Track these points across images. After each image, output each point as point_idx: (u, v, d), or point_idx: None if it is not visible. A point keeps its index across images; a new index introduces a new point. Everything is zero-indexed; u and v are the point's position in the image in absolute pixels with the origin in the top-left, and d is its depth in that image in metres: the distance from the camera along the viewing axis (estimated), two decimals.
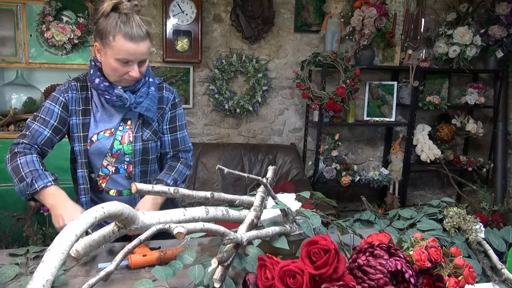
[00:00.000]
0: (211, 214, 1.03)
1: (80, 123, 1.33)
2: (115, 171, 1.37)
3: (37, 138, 1.29)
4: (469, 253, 1.17)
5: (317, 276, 0.75)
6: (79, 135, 1.33)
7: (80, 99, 1.33)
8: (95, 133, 1.33)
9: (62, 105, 1.31)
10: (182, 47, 2.98)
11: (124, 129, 1.36)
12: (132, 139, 1.35)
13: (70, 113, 1.32)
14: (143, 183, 0.86)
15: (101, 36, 1.22)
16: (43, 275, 0.60)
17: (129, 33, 1.19)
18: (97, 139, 1.33)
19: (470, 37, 3.12)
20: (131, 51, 1.21)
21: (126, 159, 1.36)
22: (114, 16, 1.20)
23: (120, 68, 1.23)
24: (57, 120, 1.30)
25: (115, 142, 1.34)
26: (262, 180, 1.06)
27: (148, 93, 1.35)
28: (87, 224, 0.69)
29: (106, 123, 1.35)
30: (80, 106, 1.33)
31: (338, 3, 2.98)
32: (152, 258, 1.07)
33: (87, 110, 1.33)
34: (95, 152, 1.34)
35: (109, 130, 1.34)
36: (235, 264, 0.90)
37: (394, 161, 3.39)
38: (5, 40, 2.50)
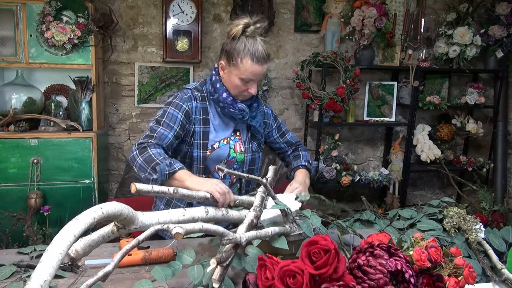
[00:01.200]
0: (211, 214, 1.03)
1: (201, 131, 1.41)
2: (223, 176, 1.47)
3: (163, 140, 1.35)
4: (469, 253, 1.17)
5: (317, 276, 0.75)
6: (199, 142, 1.41)
7: (202, 108, 1.42)
8: (216, 141, 1.43)
9: (185, 112, 1.38)
10: (182, 47, 2.98)
11: (235, 139, 1.48)
12: (243, 149, 1.48)
13: (192, 121, 1.40)
14: (144, 184, 0.86)
15: (228, 57, 1.34)
16: (41, 276, 0.60)
17: (256, 55, 1.31)
18: (218, 146, 1.43)
19: (470, 37, 3.12)
20: (256, 72, 1.33)
21: (235, 166, 1.48)
22: (242, 39, 1.32)
23: (242, 86, 1.36)
24: (179, 126, 1.37)
25: (230, 150, 1.46)
26: (262, 180, 1.06)
27: (259, 108, 1.50)
28: (86, 225, 0.69)
29: (223, 132, 1.45)
30: (201, 116, 1.41)
31: (338, 3, 2.98)
32: (137, 258, 1.07)
33: (207, 120, 1.42)
34: (215, 158, 1.43)
35: (226, 139, 1.46)
36: (235, 264, 0.90)
37: (394, 161, 3.39)
38: (5, 40, 2.49)
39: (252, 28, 1.32)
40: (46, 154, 2.49)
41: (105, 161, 2.97)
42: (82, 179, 2.56)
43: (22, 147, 2.45)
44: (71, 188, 2.55)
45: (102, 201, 2.21)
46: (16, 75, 2.60)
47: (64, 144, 2.52)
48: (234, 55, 1.32)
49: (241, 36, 1.32)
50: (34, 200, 2.42)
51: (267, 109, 1.58)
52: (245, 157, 1.48)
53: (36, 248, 1.14)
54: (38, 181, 2.48)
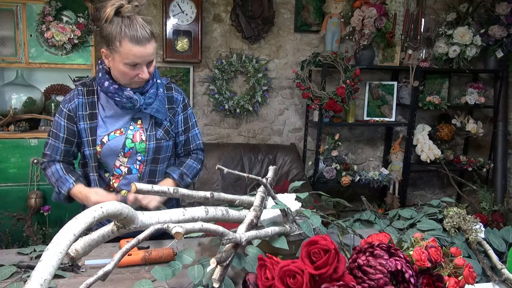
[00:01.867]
0: (211, 214, 1.03)
1: (88, 127, 1.34)
2: (127, 171, 1.38)
3: (56, 153, 1.37)
4: (469, 253, 1.17)
5: (317, 276, 0.75)
6: (88, 139, 1.34)
7: (87, 103, 1.34)
8: (105, 134, 1.35)
9: (66, 117, 1.34)
10: (182, 47, 2.98)
11: (135, 128, 1.37)
12: (145, 138, 1.37)
13: (77, 119, 1.34)
14: (144, 184, 0.86)
15: (107, 43, 1.22)
16: (41, 275, 0.60)
17: (135, 36, 1.19)
18: (108, 140, 1.34)
19: (470, 37, 3.12)
20: (139, 54, 1.21)
21: (139, 157, 1.38)
22: (118, 21, 1.20)
23: (129, 71, 1.24)
24: (65, 132, 1.35)
25: (127, 140, 1.36)
26: (262, 180, 1.06)
27: (157, 94, 1.36)
28: (86, 224, 0.69)
29: (115, 124, 1.36)
30: (87, 111, 1.34)
31: (338, 3, 2.98)
32: (137, 258, 1.07)
33: (94, 114, 1.34)
34: (108, 152, 1.35)
35: (119, 130, 1.36)
36: (235, 264, 0.90)
37: (394, 161, 3.39)
38: (5, 40, 2.49)
39: (128, 7, 1.20)
40: None
41: None
42: None
43: (22, 147, 2.45)
44: None
45: None
46: (16, 75, 2.60)
47: None
48: (112, 39, 1.20)
49: (115, 18, 1.20)
50: (34, 200, 2.42)
51: (178, 95, 1.45)
52: (147, 145, 1.36)
53: (36, 248, 1.14)
54: (38, 181, 2.48)
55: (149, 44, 1.23)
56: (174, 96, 1.44)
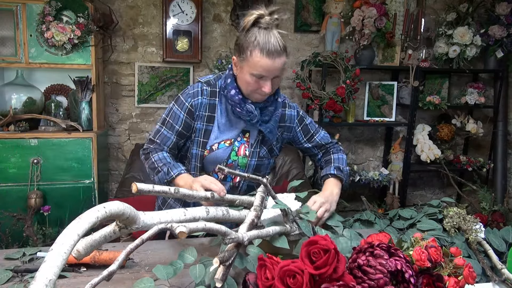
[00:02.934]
0: (212, 214, 1.03)
1: (203, 129, 1.33)
2: (223, 178, 1.37)
3: (165, 143, 1.35)
4: (469, 253, 1.17)
5: (317, 276, 0.76)
6: (199, 140, 1.34)
7: (208, 105, 1.33)
8: (216, 142, 1.34)
9: (187, 111, 1.33)
10: (182, 47, 2.98)
11: (242, 141, 1.38)
12: (248, 153, 1.37)
13: (195, 118, 1.33)
14: (144, 184, 0.87)
15: (239, 51, 1.23)
16: (45, 275, 0.60)
17: (266, 48, 1.18)
18: (217, 148, 1.34)
19: (470, 37, 3.12)
20: (266, 66, 1.20)
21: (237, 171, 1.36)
22: (254, 31, 1.20)
23: (253, 83, 1.24)
24: (181, 126, 1.34)
25: (232, 153, 1.36)
26: (262, 180, 1.06)
27: (274, 114, 1.36)
28: (89, 224, 0.70)
29: (228, 133, 1.36)
30: (207, 112, 1.33)
31: (338, 3, 2.98)
32: (85, 257, 1.03)
33: (212, 117, 1.34)
34: (212, 160, 1.35)
35: (229, 140, 1.35)
36: (236, 264, 0.90)
37: (394, 161, 3.39)
38: (5, 40, 2.49)
39: (266, 19, 1.19)
40: (46, 154, 2.49)
41: (105, 161, 2.97)
42: (82, 179, 2.56)
43: (22, 147, 2.45)
44: (71, 188, 2.55)
45: (102, 201, 2.21)
46: (16, 75, 2.60)
47: (64, 144, 2.52)
48: (244, 48, 1.21)
49: (253, 28, 1.20)
50: (34, 200, 2.42)
51: (291, 111, 1.45)
52: (248, 161, 1.37)
53: (26, 252, 1.12)
54: (38, 181, 2.48)
55: (279, 58, 1.21)
56: (287, 113, 1.44)
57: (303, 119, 1.48)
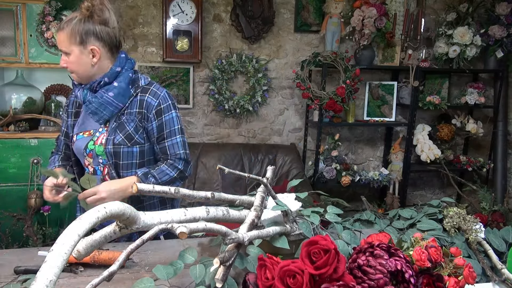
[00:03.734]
0: (212, 214, 1.03)
1: (71, 124, 1.43)
2: (93, 171, 1.40)
3: (59, 146, 1.49)
4: (469, 253, 1.17)
5: (317, 276, 0.76)
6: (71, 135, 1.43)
7: (76, 101, 1.43)
8: (75, 133, 1.41)
9: (65, 110, 1.46)
10: (182, 47, 2.98)
11: (103, 131, 1.38)
12: (104, 141, 1.35)
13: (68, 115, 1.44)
14: (144, 184, 0.87)
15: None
16: (46, 276, 0.60)
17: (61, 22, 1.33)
18: (76, 139, 1.40)
19: (470, 37, 3.12)
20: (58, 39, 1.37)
21: (100, 160, 1.38)
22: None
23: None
24: (65, 125, 1.45)
25: (90, 142, 1.38)
26: (263, 180, 1.06)
27: (102, 96, 1.30)
28: (90, 224, 0.69)
29: (89, 124, 1.40)
30: (74, 108, 1.43)
31: (338, 3, 2.99)
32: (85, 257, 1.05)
33: (78, 112, 1.43)
34: (76, 151, 1.42)
35: (88, 131, 1.40)
36: (236, 264, 0.90)
37: (394, 161, 3.39)
38: (5, 40, 2.49)
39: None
40: (46, 154, 2.48)
41: None
42: None
43: (22, 147, 2.45)
44: None
45: None
46: (16, 75, 2.61)
47: None
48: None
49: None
50: (34, 200, 2.42)
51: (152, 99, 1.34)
52: (104, 149, 1.32)
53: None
54: (38, 181, 2.48)
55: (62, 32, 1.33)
56: (148, 100, 1.34)
57: (161, 113, 1.33)
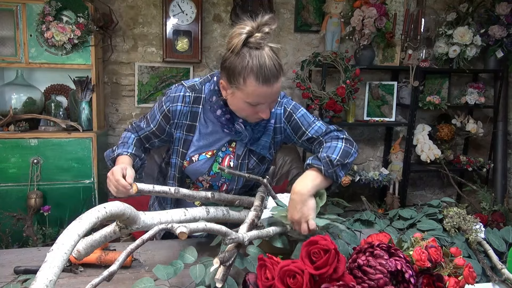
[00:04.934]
0: (212, 214, 1.03)
1: (183, 139, 1.23)
2: (209, 187, 1.29)
3: (139, 131, 1.31)
4: (469, 253, 1.17)
5: (317, 276, 0.76)
6: (179, 150, 1.24)
7: (190, 112, 1.21)
8: (196, 153, 1.23)
9: (163, 114, 1.22)
10: (182, 47, 2.98)
11: (227, 151, 1.25)
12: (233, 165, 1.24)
13: (174, 125, 1.23)
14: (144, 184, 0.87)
15: (229, 76, 1.08)
16: (46, 275, 0.60)
17: (262, 74, 1.03)
18: (197, 160, 1.23)
19: (470, 37, 3.12)
20: (264, 94, 1.06)
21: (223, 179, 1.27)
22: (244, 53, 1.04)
23: (249, 109, 1.10)
24: (156, 126, 1.25)
25: (215, 164, 1.24)
26: (263, 180, 1.06)
27: (266, 127, 1.23)
28: (90, 224, 0.70)
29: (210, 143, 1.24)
30: (187, 121, 1.22)
31: (338, 3, 2.98)
32: (92, 257, 1.04)
33: (193, 126, 1.22)
34: (191, 172, 1.26)
35: (211, 151, 1.24)
36: (236, 264, 0.90)
37: (394, 161, 3.39)
38: (5, 40, 2.49)
39: (258, 36, 1.04)
40: (46, 154, 2.49)
41: (105, 161, 2.97)
42: (82, 179, 2.56)
43: (22, 147, 2.45)
44: (71, 188, 2.55)
45: (102, 201, 2.21)
46: (16, 75, 2.60)
47: (64, 144, 2.52)
48: (236, 74, 1.05)
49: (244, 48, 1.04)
50: (34, 200, 2.42)
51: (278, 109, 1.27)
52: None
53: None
54: (38, 181, 2.48)
55: (276, 83, 1.07)
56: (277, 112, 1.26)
57: (292, 115, 1.26)
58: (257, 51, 1.04)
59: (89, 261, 1.04)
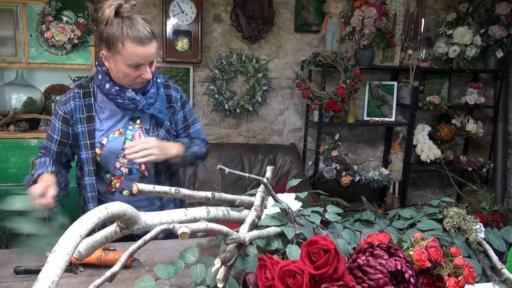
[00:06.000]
0: (212, 214, 1.03)
1: (86, 131, 1.32)
2: (128, 172, 1.37)
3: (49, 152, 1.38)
4: (469, 253, 1.17)
5: (317, 276, 0.76)
6: (86, 143, 1.33)
7: (83, 106, 1.33)
8: (104, 136, 1.33)
9: (61, 119, 1.33)
10: (182, 47, 2.98)
11: (134, 128, 1.36)
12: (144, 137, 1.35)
13: (74, 123, 1.33)
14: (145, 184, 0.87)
15: (108, 45, 1.21)
16: (48, 276, 0.60)
17: (137, 36, 1.18)
18: (107, 141, 1.33)
19: (470, 37, 3.12)
20: (142, 54, 1.21)
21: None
22: (118, 22, 1.19)
23: (132, 72, 1.24)
24: (59, 134, 1.35)
25: (126, 141, 1.34)
26: (263, 180, 1.06)
27: (158, 94, 1.35)
28: (92, 225, 0.70)
29: (114, 125, 1.35)
30: (84, 114, 1.32)
31: (338, 3, 2.99)
32: (92, 258, 1.04)
33: (91, 117, 1.33)
34: (108, 154, 1.34)
35: (118, 130, 1.35)
36: (237, 264, 0.90)
37: (394, 161, 3.39)
38: (5, 40, 2.50)
39: (127, 7, 1.20)
40: None
41: None
42: None
43: (22, 147, 2.45)
44: (71, 188, 2.54)
45: None
46: (16, 75, 2.61)
47: None
48: (114, 40, 1.19)
49: (115, 19, 1.19)
50: None
51: (176, 93, 1.43)
52: None
53: None
54: None
55: (151, 43, 1.23)
56: (173, 94, 1.42)
57: (185, 104, 1.46)
58: (128, 20, 1.20)
59: (89, 261, 1.04)
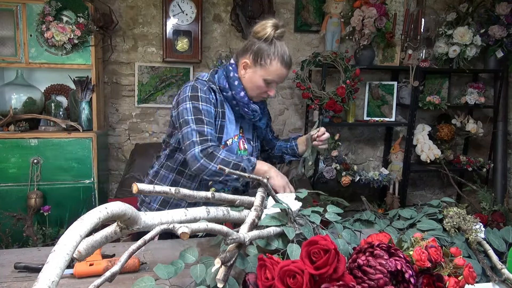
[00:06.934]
0: (212, 214, 1.03)
1: (219, 125, 1.37)
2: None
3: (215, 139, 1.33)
4: (469, 253, 1.17)
5: (317, 276, 0.76)
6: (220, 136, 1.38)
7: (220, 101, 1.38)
8: (231, 137, 1.41)
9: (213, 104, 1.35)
10: (182, 47, 2.98)
11: (239, 137, 1.46)
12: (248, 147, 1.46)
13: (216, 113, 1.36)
14: (144, 184, 0.87)
15: (256, 57, 1.32)
16: (48, 276, 0.60)
17: (285, 59, 1.33)
18: (231, 143, 1.40)
19: (470, 37, 3.12)
20: (281, 75, 1.35)
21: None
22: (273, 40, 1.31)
23: (264, 87, 1.35)
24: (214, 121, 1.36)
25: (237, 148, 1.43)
26: (263, 180, 1.06)
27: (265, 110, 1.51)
28: (92, 225, 0.69)
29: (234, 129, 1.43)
30: (220, 108, 1.38)
31: (338, 3, 2.99)
32: (99, 268, 1.00)
33: (224, 113, 1.38)
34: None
35: (236, 135, 1.44)
36: (237, 264, 0.90)
37: (394, 161, 3.39)
38: (5, 40, 2.50)
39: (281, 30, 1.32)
40: (46, 154, 2.49)
41: (105, 161, 2.97)
42: (82, 179, 2.56)
43: (22, 147, 2.45)
44: (71, 188, 2.55)
45: (102, 201, 2.21)
46: (16, 75, 2.61)
47: (64, 144, 2.52)
48: (264, 55, 1.31)
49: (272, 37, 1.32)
50: (34, 200, 2.42)
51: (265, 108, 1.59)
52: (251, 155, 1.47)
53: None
54: (38, 181, 2.48)
55: (290, 68, 1.38)
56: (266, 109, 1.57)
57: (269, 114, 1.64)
58: (279, 41, 1.33)
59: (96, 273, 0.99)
